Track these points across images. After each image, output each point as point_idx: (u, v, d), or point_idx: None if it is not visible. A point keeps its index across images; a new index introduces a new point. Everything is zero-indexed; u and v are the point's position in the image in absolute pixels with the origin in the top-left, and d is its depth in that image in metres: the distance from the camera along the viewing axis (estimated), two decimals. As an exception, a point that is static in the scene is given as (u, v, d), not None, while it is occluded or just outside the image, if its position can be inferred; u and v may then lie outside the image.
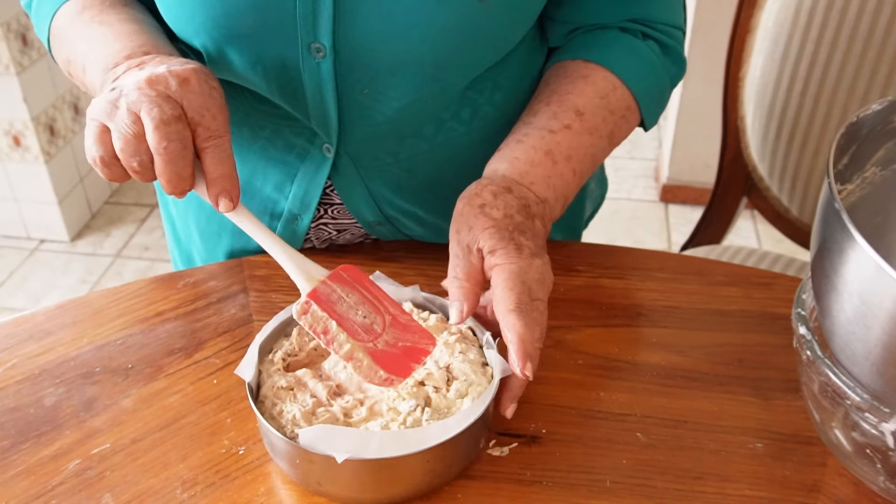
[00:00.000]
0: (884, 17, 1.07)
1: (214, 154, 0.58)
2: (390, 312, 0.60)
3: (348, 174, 0.77)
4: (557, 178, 0.70)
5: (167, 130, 0.55)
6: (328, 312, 0.58)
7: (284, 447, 0.57)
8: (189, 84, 0.58)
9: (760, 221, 2.36)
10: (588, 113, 0.72)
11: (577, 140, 0.71)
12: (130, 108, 0.56)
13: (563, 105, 0.72)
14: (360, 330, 0.58)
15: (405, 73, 0.68)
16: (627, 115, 0.75)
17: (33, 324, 0.75)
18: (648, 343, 0.72)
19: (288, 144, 0.77)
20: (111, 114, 0.57)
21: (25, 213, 2.33)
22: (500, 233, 0.63)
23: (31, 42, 2.14)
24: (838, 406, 0.55)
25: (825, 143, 1.17)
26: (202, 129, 0.58)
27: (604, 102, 0.73)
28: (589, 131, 0.72)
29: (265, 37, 0.67)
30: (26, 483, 0.61)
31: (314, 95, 0.70)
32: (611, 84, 0.74)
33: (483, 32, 0.68)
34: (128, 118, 0.56)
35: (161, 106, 0.56)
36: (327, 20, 0.65)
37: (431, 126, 0.75)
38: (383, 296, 0.61)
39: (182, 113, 0.57)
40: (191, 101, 0.57)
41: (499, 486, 0.60)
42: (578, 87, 0.73)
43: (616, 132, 0.75)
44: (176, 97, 0.57)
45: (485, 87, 0.75)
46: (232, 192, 0.58)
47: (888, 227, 0.63)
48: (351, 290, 0.60)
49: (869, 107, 0.59)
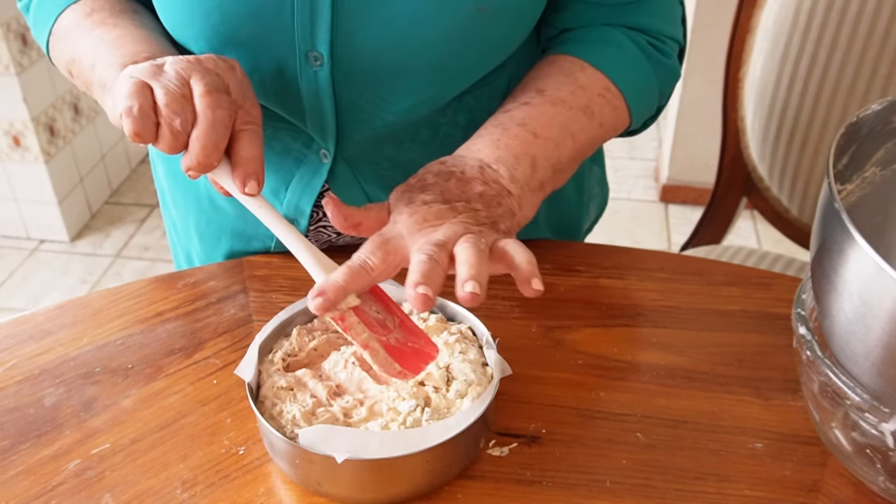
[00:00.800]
0: (884, 17, 1.07)
1: (250, 137, 0.58)
2: (399, 315, 0.60)
3: (345, 179, 0.77)
4: (509, 139, 0.65)
5: (218, 97, 0.56)
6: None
7: (284, 447, 0.57)
8: (235, 70, 0.60)
9: (760, 221, 2.36)
10: (549, 89, 0.69)
11: (536, 110, 0.67)
12: (180, 71, 0.57)
13: (523, 88, 0.70)
14: (375, 324, 0.58)
15: (403, 81, 0.68)
16: (607, 96, 0.71)
17: (33, 324, 0.75)
18: (648, 343, 0.72)
19: (285, 149, 0.77)
20: (156, 74, 0.57)
21: (25, 213, 2.33)
22: (401, 195, 0.60)
23: (31, 42, 2.14)
24: (838, 406, 0.55)
25: (825, 143, 1.17)
26: (243, 112, 0.58)
27: (570, 79, 0.70)
28: (552, 102, 0.68)
29: (263, 45, 0.67)
30: (26, 483, 0.61)
31: (311, 103, 0.70)
32: (577, 65, 0.71)
33: (481, 40, 0.67)
34: (176, 79, 0.56)
35: (212, 76, 0.57)
36: (325, 29, 0.65)
37: (428, 131, 0.75)
38: (391, 300, 0.61)
39: (228, 90, 0.58)
40: (235, 84, 0.58)
41: (499, 486, 0.60)
42: (543, 71, 0.71)
43: (595, 108, 0.70)
44: (224, 76, 0.58)
45: (481, 92, 0.75)
46: (259, 175, 0.58)
47: (888, 227, 0.63)
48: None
49: (869, 107, 0.59)
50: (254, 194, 0.58)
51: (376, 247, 0.56)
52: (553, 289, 0.78)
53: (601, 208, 0.99)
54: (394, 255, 0.56)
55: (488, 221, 0.58)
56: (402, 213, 0.58)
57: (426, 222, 0.57)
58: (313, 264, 0.59)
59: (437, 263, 0.53)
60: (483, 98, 0.75)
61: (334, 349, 0.64)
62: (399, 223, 0.58)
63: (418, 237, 0.56)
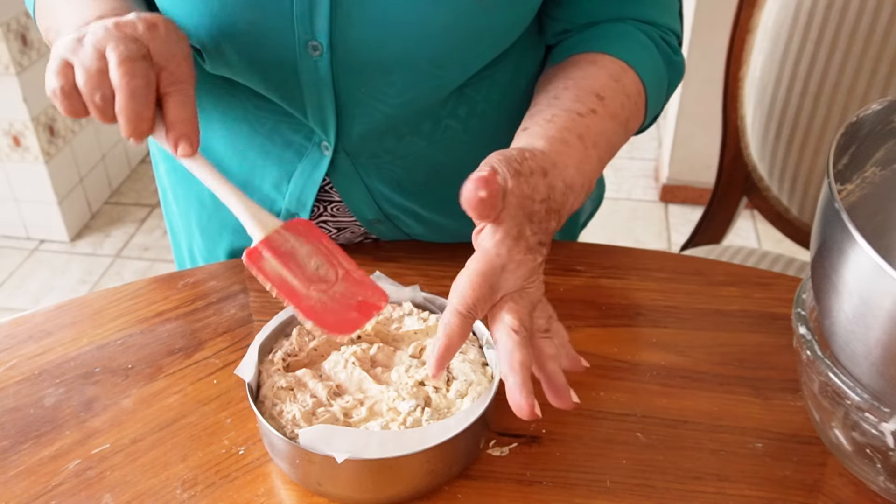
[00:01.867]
0: (884, 17, 1.07)
1: (177, 98, 0.58)
2: (344, 267, 0.59)
3: (346, 172, 0.77)
4: (587, 163, 0.64)
5: (132, 66, 0.56)
6: (280, 260, 0.58)
7: (284, 447, 0.57)
8: (157, 29, 0.58)
9: (760, 221, 2.36)
10: (608, 97, 0.69)
11: (602, 126, 0.67)
12: (96, 45, 0.57)
13: (582, 89, 0.68)
14: (312, 279, 0.58)
15: (403, 71, 0.68)
16: (639, 102, 0.72)
17: (33, 324, 0.75)
18: (648, 343, 0.72)
19: (286, 141, 0.77)
20: (76, 50, 0.57)
21: (25, 213, 2.33)
22: (516, 209, 0.57)
23: (31, 42, 2.14)
24: (838, 406, 0.55)
25: (825, 143, 1.17)
26: (167, 73, 0.58)
27: (619, 86, 0.70)
28: (611, 116, 0.68)
29: (262, 34, 0.67)
30: (26, 483, 0.61)
31: (311, 93, 0.70)
32: (620, 67, 0.71)
33: (481, 30, 0.67)
34: (92, 54, 0.56)
35: (127, 44, 0.56)
36: (324, 19, 0.65)
37: (429, 123, 0.75)
38: (338, 251, 0.60)
39: (148, 54, 0.57)
40: (157, 45, 0.58)
41: (499, 486, 0.60)
42: (591, 73, 0.70)
43: (631, 119, 0.71)
44: (143, 39, 0.57)
45: (482, 84, 0.75)
46: (192, 136, 0.58)
47: (888, 227, 0.63)
48: (305, 241, 0.59)
49: (869, 107, 0.58)
50: (187, 155, 0.58)
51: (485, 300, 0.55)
52: (553, 289, 0.78)
53: (597, 203, 1.01)
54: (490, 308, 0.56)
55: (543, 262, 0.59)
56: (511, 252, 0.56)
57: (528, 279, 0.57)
58: (248, 217, 0.59)
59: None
60: (483, 90, 0.75)
61: (334, 349, 0.64)
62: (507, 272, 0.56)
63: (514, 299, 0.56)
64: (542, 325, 0.57)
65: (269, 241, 0.59)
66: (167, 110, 0.58)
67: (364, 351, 0.63)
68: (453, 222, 0.81)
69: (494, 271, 0.55)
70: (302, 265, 0.58)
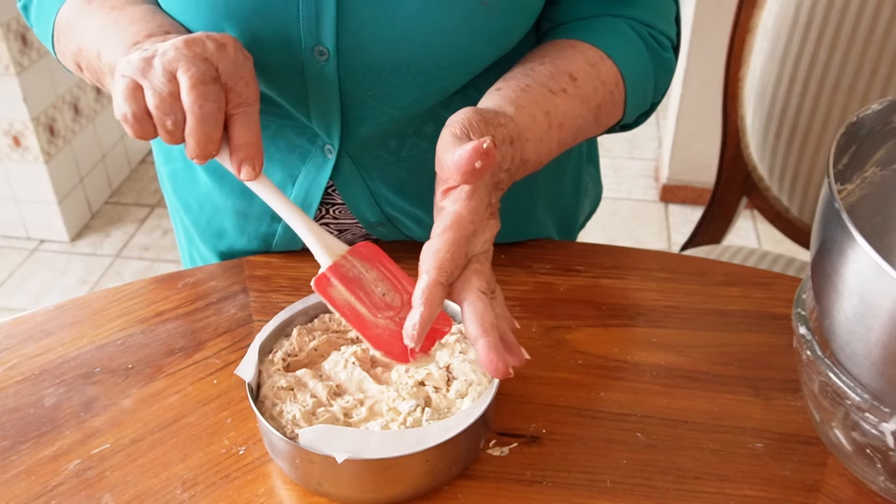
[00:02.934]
0: (884, 17, 1.07)
1: (243, 121, 0.58)
2: (409, 291, 0.59)
3: (350, 174, 0.77)
4: (545, 143, 0.65)
5: (204, 90, 0.56)
6: (347, 287, 0.58)
7: (284, 447, 0.57)
8: (226, 49, 0.58)
9: (760, 221, 2.36)
10: (581, 80, 0.69)
11: (569, 106, 0.67)
12: (166, 66, 0.56)
13: (557, 68, 0.69)
14: (379, 306, 0.59)
15: (408, 75, 0.68)
16: (615, 92, 0.71)
17: (33, 324, 0.75)
18: (648, 343, 0.72)
19: (290, 145, 0.77)
20: (145, 71, 0.57)
21: (25, 213, 2.33)
22: (489, 177, 0.58)
23: (31, 42, 2.14)
24: (838, 406, 0.55)
25: (825, 143, 1.17)
26: (234, 94, 0.58)
27: (594, 71, 0.70)
28: (581, 99, 0.68)
29: (269, 40, 0.67)
30: (26, 483, 0.61)
31: (317, 97, 0.70)
32: (598, 55, 0.71)
33: (485, 34, 0.68)
34: (163, 76, 0.56)
35: (198, 66, 0.56)
36: (330, 24, 0.65)
37: (432, 125, 0.75)
38: (402, 274, 0.60)
39: (217, 75, 0.57)
40: (226, 65, 0.58)
41: (499, 486, 0.60)
42: (567, 55, 0.70)
43: (603, 108, 0.71)
44: (213, 59, 0.57)
45: (485, 85, 0.75)
46: (255, 159, 0.58)
47: (888, 227, 0.63)
48: (371, 267, 0.60)
49: (869, 107, 0.58)
50: (250, 179, 0.59)
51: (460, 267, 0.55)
52: (553, 289, 0.78)
53: (595, 204, 1.01)
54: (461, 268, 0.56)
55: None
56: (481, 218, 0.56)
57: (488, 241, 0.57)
58: (315, 243, 0.60)
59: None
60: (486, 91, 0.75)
61: (334, 349, 0.64)
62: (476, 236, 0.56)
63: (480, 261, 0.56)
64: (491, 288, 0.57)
65: (336, 267, 0.59)
66: (233, 133, 0.58)
67: (364, 351, 0.63)
68: None
69: (468, 238, 0.55)
70: (369, 292, 0.59)
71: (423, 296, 0.53)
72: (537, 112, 0.64)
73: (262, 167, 0.59)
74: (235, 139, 0.58)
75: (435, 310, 0.53)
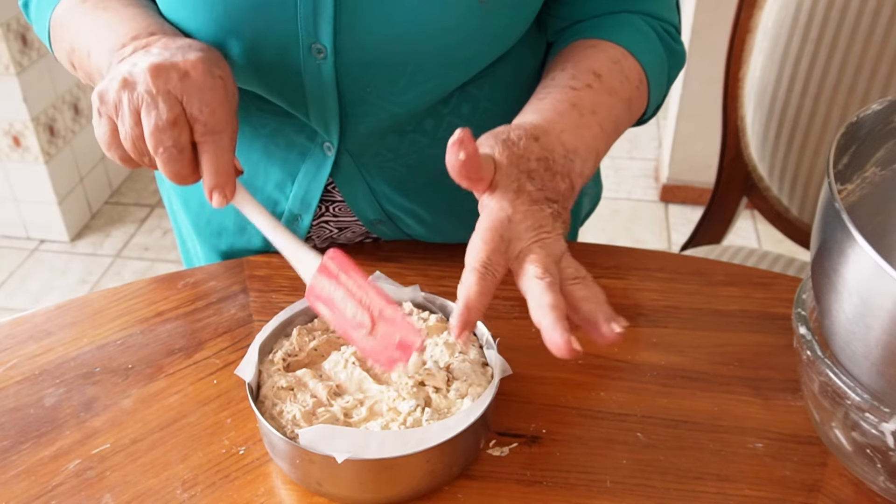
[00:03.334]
0: (884, 17, 1.07)
1: (209, 150, 0.59)
2: (376, 306, 0.59)
3: (349, 172, 0.77)
4: (585, 129, 0.65)
5: (161, 137, 0.57)
6: (326, 306, 0.59)
7: (284, 447, 0.57)
8: (189, 78, 0.58)
9: (760, 221, 2.36)
10: (605, 75, 0.69)
11: (598, 98, 0.68)
12: (132, 107, 0.57)
13: (579, 68, 0.70)
14: (352, 324, 0.59)
15: (405, 72, 0.68)
16: (641, 88, 0.73)
17: (33, 324, 0.75)
18: (648, 343, 0.72)
19: (289, 143, 0.77)
20: (118, 106, 0.58)
21: (25, 213, 2.33)
22: (510, 167, 0.58)
23: (31, 42, 2.14)
24: (838, 406, 0.55)
25: (825, 143, 1.17)
26: (199, 125, 0.58)
27: (617, 67, 0.71)
28: (609, 92, 0.69)
29: (266, 38, 0.67)
30: (26, 483, 0.61)
31: (315, 95, 0.70)
32: (620, 52, 0.72)
33: (482, 31, 0.68)
34: (130, 119, 0.58)
35: (159, 108, 0.57)
36: (328, 21, 0.65)
37: (432, 121, 0.75)
38: (370, 289, 0.59)
39: (181, 111, 0.57)
40: (190, 96, 0.58)
41: (499, 486, 0.60)
42: (590, 55, 0.71)
43: (634, 101, 0.72)
44: (176, 92, 0.57)
45: (484, 82, 0.75)
46: (225, 186, 0.59)
47: (888, 227, 0.63)
48: (337, 285, 0.59)
49: (869, 107, 0.58)
50: (220, 206, 0.60)
51: (499, 252, 0.55)
52: (553, 289, 0.78)
53: (595, 202, 1.02)
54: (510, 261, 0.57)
55: (566, 228, 0.60)
56: (514, 204, 0.57)
57: (541, 229, 0.57)
58: (295, 262, 0.61)
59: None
60: (486, 88, 0.76)
61: (334, 349, 0.64)
62: (514, 223, 0.57)
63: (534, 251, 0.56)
64: (570, 273, 0.57)
65: (311, 288, 0.60)
66: (202, 161, 0.59)
67: (364, 351, 0.63)
68: (454, 223, 0.81)
69: (501, 222, 0.56)
70: (342, 310, 0.59)
71: (461, 285, 0.54)
72: (561, 107, 0.65)
73: (234, 192, 0.60)
74: (204, 168, 0.59)
75: (473, 297, 0.53)
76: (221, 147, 0.59)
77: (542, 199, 0.59)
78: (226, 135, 0.59)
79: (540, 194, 0.59)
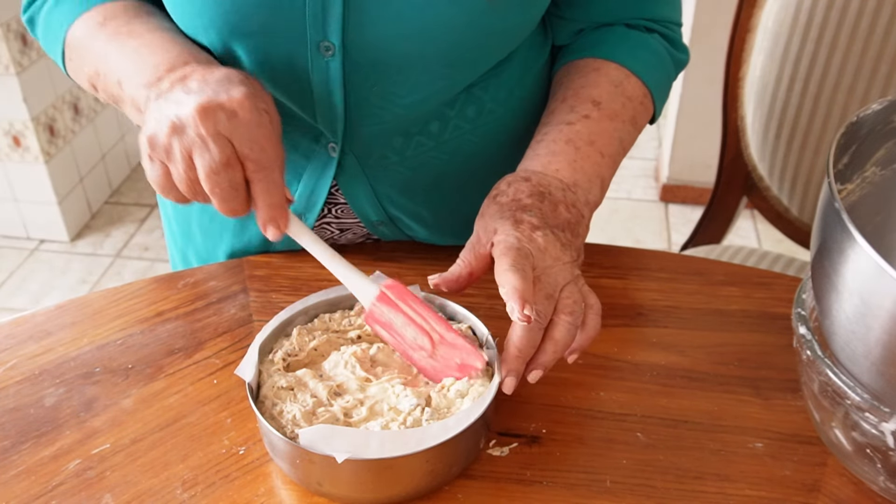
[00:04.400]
0: (884, 17, 1.07)
1: (261, 186, 0.60)
2: (437, 332, 0.62)
3: (353, 173, 0.77)
4: (583, 160, 0.70)
5: (216, 179, 0.58)
6: (386, 330, 0.63)
7: (284, 447, 0.57)
8: (237, 118, 0.58)
9: (760, 221, 2.36)
10: (605, 101, 0.73)
11: (597, 126, 0.72)
12: (184, 151, 0.58)
13: (578, 98, 0.73)
14: (413, 346, 0.62)
15: (413, 72, 0.68)
16: (645, 103, 0.77)
17: (33, 324, 0.75)
18: (648, 343, 0.72)
19: (293, 144, 0.77)
20: (170, 153, 0.59)
21: (25, 213, 2.33)
22: (502, 213, 0.64)
23: (31, 42, 2.14)
24: (838, 406, 0.55)
25: (825, 143, 1.17)
26: (250, 162, 0.59)
27: (619, 90, 0.74)
28: (609, 117, 0.73)
29: (274, 35, 0.67)
30: (26, 483, 0.61)
31: (322, 94, 0.70)
32: (623, 74, 0.75)
33: (491, 30, 0.68)
34: (183, 164, 0.59)
35: (210, 150, 0.58)
36: (337, 18, 0.65)
37: (437, 124, 0.75)
38: (430, 315, 0.62)
39: (232, 151, 0.58)
40: (240, 135, 0.58)
41: (499, 486, 0.60)
42: (592, 80, 0.75)
43: (638, 118, 0.76)
44: (226, 133, 0.58)
45: (489, 84, 0.75)
46: (280, 220, 0.61)
47: (888, 227, 0.63)
48: (397, 312, 0.62)
49: (869, 107, 0.59)
50: (277, 239, 0.62)
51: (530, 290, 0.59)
52: (553, 289, 0.78)
53: None
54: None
55: (579, 256, 0.65)
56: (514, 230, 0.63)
57: (558, 261, 0.63)
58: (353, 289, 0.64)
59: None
60: (491, 90, 0.76)
61: (334, 349, 0.64)
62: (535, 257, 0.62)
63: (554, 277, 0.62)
64: (566, 307, 0.61)
65: (370, 314, 0.63)
66: (254, 197, 0.60)
67: (364, 351, 0.63)
68: (456, 226, 0.81)
69: (522, 251, 0.61)
70: (402, 334, 0.62)
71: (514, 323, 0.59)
72: (556, 146, 0.70)
73: (287, 224, 0.62)
74: (258, 203, 0.60)
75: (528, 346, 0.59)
76: (273, 182, 0.60)
77: (544, 226, 0.63)
78: (276, 169, 0.60)
79: (541, 222, 0.63)
